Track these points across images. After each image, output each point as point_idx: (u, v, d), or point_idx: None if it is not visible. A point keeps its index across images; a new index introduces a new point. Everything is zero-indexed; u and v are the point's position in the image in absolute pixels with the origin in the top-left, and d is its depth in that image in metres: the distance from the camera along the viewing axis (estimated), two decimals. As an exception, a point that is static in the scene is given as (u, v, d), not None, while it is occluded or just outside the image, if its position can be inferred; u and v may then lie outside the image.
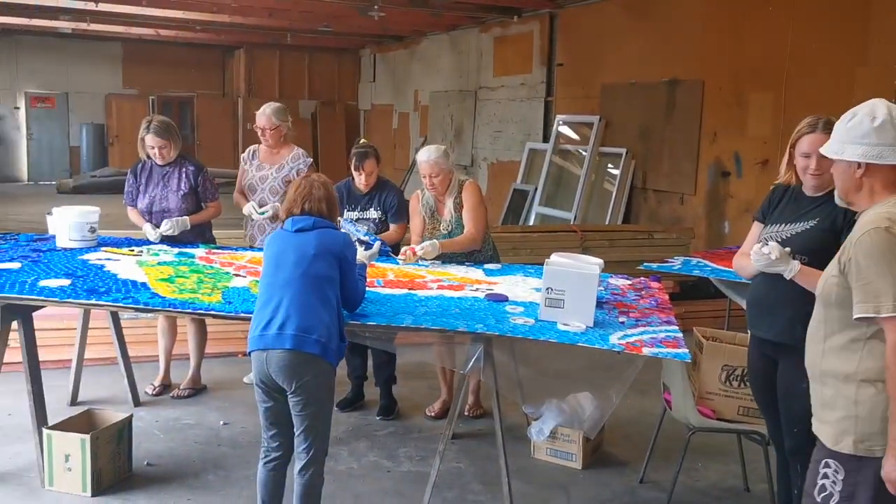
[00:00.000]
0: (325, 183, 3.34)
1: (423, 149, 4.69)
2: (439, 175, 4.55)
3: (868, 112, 2.35)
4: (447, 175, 4.60)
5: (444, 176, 4.57)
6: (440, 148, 4.67)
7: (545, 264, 3.49)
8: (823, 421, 2.38)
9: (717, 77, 8.72)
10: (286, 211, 3.30)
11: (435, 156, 4.56)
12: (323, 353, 3.09)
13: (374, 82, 17.56)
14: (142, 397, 5.03)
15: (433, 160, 4.54)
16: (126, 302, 3.51)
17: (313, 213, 3.24)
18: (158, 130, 4.85)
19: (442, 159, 4.55)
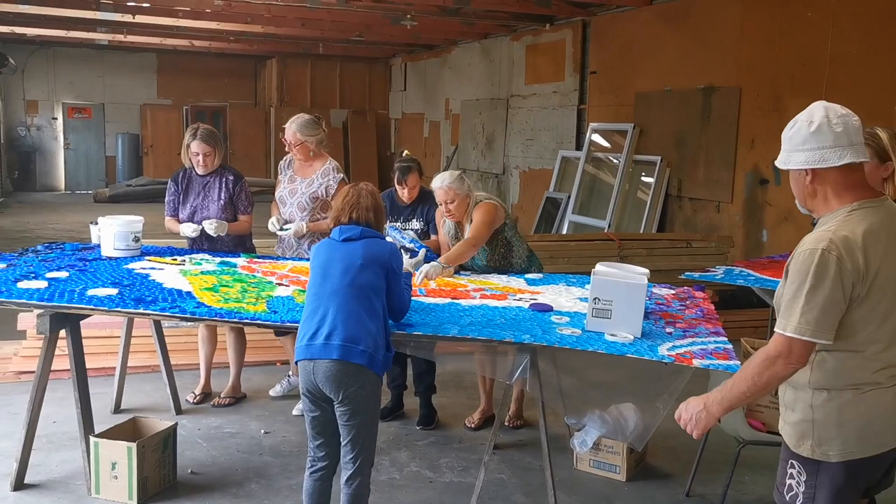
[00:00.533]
0: (372, 192, 3.35)
1: (436, 176, 4.57)
2: (454, 200, 4.46)
3: (806, 118, 2.32)
4: (464, 200, 4.49)
5: (459, 201, 4.47)
6: (454, 173, 4.55)
7: (592, 274, 3.47)
8: (786, 421, 2.41)
9: (755, 84, 8.63)
10: (334, 220, 3.31)
11: (448, 181, 4.45)
12: (369, 363, 3.08)
13: (404, 91, 17.61)
14: (183, 405, 5.06)
15: (446, 186, 4.44)
16: (173, 311, 3.54)
17: (360, 223, 3.25)
18: (205, 136, 4.88)
19: (456, 184, 4.45)
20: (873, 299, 2.24)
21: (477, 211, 4.46)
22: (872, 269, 2.22)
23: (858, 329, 2.25)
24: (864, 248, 2.22)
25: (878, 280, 2.23)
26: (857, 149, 2.28)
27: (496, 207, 4.50)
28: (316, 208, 4.98)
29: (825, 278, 2.20)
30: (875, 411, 2.27)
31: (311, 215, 4.97)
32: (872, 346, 2.26)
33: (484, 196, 4.60)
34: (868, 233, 2.24)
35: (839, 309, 2.22)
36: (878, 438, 2.28)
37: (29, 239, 11.64)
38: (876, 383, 2.27)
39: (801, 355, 2.24)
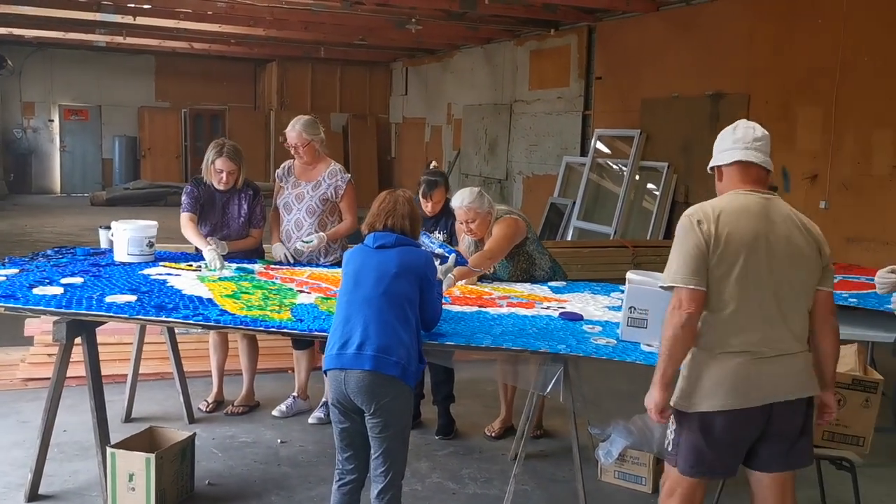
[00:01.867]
0: (409, 199, 3.27)
1: (456, 194, 4.45)
2: (476, 220, 4.35)
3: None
4: (485, 218, 4.37)
5: (481, 220, 4.36)
6: (473, 190, 4.41)
7: (627, 283, 3.40)
8: None
9: (764, 91, 8.60)
10: (368, 226, 3.23)
11: (468, 200, 4.33)
12: (402, 375, 3.01)
13: (405, 95, 17.55)
14: (195, 414, 4.97)
15: (466, 206, 4.32)
16: (196, 319, 3.45)
17: (396, 230, 3.17)
18: (231, 154, 4.77)
19: (476, 203, 4.33)
20: (722, 266, 2.61)
21: (496, 226, 4.37)
22: (721, 238, 2.60)
23: (714, 292, 2.64)
24: (718, 218, 2.63)
25: (727, 250, 2.61)
26: (747, 153, 2.73)
27: (517, 222, 4.41)
28: (326, 211, 4.89)
29: (687, 235, 2.65)
30: (723, 373, 2.62)
31: (321, 219, 4.87)
32: (721, 311, 2.63)
33: (505, 210, 4.50)
34: (727, 209, 2.66)
35: (700, 257, 2.61)
36: (725, 398, 2.61)
37: (27, 242, 11.51)
38: (726, 346, 2.63)
39: (688, 302, 2.61)
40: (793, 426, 2.72)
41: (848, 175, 7.70)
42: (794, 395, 2.69)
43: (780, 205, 2.76)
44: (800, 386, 2.71)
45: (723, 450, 2.71)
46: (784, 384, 2.67)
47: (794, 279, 2.70)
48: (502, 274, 4.49)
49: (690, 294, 2.61)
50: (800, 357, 2.71)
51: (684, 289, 2.62)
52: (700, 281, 2.61)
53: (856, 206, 7.65)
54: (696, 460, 2.73)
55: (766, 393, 2.65)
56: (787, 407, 2.68)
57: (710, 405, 2.65)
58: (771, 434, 2.72)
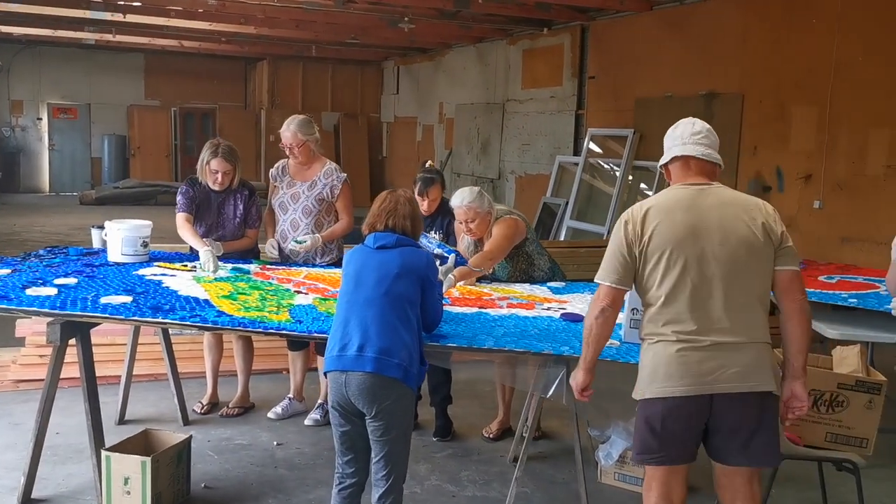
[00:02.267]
0: (410, 199, 3.23)
1: (455, 194, 4.41)
2: (475, 219, 4.32)
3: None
4: (485, 217, 4.34)
5: (481, 220, 4.33)
6: (473, 190, 4.38)
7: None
8: None
9: (758, 90, 8.59)
10: (369, 226, 3.19)
11: (468, 199, 4.29)
12: (404, 377, 2.97)
13: (397, 94, 17.50)
14: (189, 416, 4.91)
15: (466, 205, 4.28)
16: (193, 320, 3.40)
17: (397, 230, 3.13)
18: (227, 154, 4.70)
19: (476, 202, 4.30)
20: (650, 261, 2.70)
21: (497, 226, 4.33)
22: (647, 234, 2.69)
23: (647, 287, 2.74)
24: (645, 216, 2.72)
25: (653, 245, 2.68)
26: (685, 147, 2.78)
27: (517, 223, 4.37)
28: (322, 211, 4.84)
29: (615, 236, 2.79)
30: (658, 360, 2.69)
31: (317, 218, 4.83)
32: (656, 302, 2.71)
33: (505, 210, 4.47)
34: (656, 205, 2.75)
35: (621, 256, 2.74)
36: (660, 385, 2.67)
37: (16, 241, 11.41)
38: (661, 335, 2.70)
39: (603, 296, 2.77)
40: (742, 421, 2.67)
41: (842, 175, 7.70)
42: (736, 389, 2.64)
43: (719, 192, 2.76)
44: (743, 379, 2.64)
45: (666, 437, 2.71)
46: (723, 376, 2.64)
47: (736, 266, 2.67)
48: (501, 274, 4.46)
49: (607, 290, 2.76)
50: (747, 349, 2.66)
51: (602, 285, 2.78)
52: (618, 279, 2.75)
53: (850, 206, 7.65)
54: (642, 447, 2.78)
55: (700, 383, 2.64)
56: (730, 400, 2.64)
57: (651, 392, 2.71)
58: (719, 427, 2.69)
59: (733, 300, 2.66)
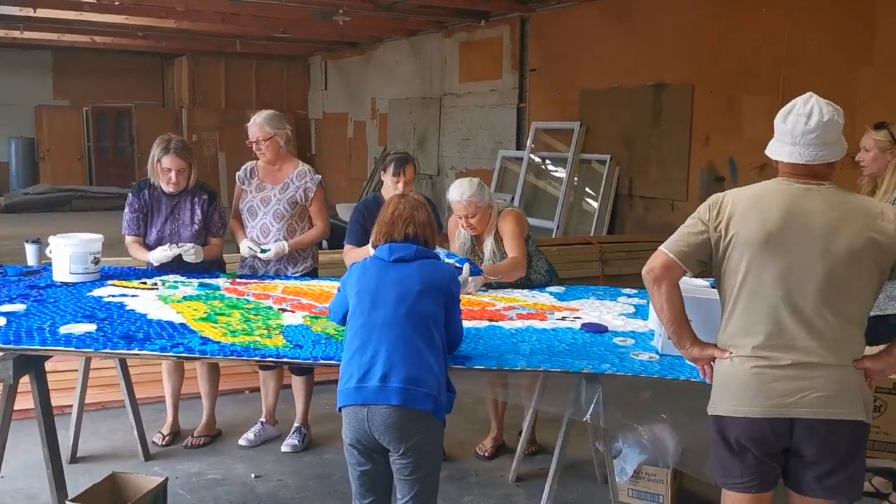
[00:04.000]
0: (425, 204, 2.89)
1: (452, 187, 4.12)
2: (476, 214, 4.04)
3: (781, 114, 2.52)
4: (486, 211, 4.07)
5: (482, 214, 4.05)
6: (473, 182, 4.09)
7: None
8: None
9: (708, 80, 8.50)
10: (383, 235, 2.82)
11: (469, 193, 4.01)
12: (433, 409, 2.63)
13: (325, 90, 16.95)
14: (151, 448, 4.43)
15: (467, 199, 4.00)
16: (177, 350, 2.97)
17: (418, 240, 2.78)
18: (179, 150, 4.22)
19: (477, 196, 4.02)
20: (733, 260, 2.42)
21: (506, 222, 4.05)
22: (734, 228, 2.41)
23: (725, 288, 2.47)
24: (736, 207, 2.43)
25: (737, 241, 2.41)
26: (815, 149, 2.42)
27: (520, 214, 4.14)
28: (294, 216, 4.44)
29: (694, 217, 2.52)
30: (731, 375, 2.44)
31: (289, 224, 4.42)
32: (733, 309, 2.45)
33: (506, 203, 4.21)
34: (751, 198, 2.45)
35: (694, 238, 2.48)
36: (733, 402, 2.42)
37: (-79, 256, 10.47)
38: (737, 348, 2.43)
39: (656, 263, 2.49)
40: (824, 451, 2.38)
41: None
42: (819, 415, 2.34)
43: (829, 194, 2.43)
44: (828, 405, 2.34)
45: (746, 460, 2.44)
46: (805, 400, 2.34)
47: (835, 280, 2.36)
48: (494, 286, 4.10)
49: (662, 259, 2.49)
50: (834, 372, 2.35)
51: (661, 252, 2.51)
52: (681, 254, 2.48)
53: (806, 194, 7.62)
54: (723, 470, 2.52)
55: (777, 405, 2.36)
56: (813, 427, 2.35)
57: (723, 409, 2.47)
58: (798, 454, 2.42)
59: (825, 317, 2.37)
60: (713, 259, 2.50)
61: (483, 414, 4.74)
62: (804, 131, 2.43)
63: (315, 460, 4.35)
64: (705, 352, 2.53)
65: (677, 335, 2.54)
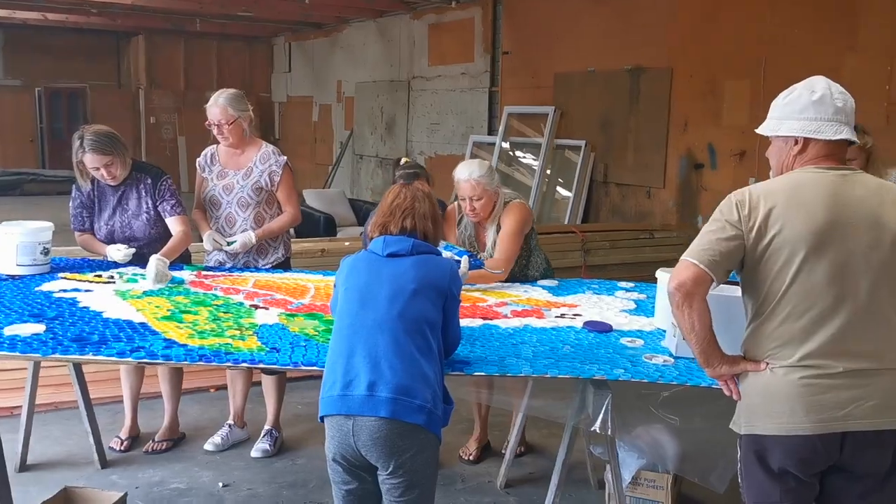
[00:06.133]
0: (430, 195, 2.59)
1: (461, 165, 3.86)
2: (482, 198, 3.75)
3: (807, 87, 2.28)
4: (492, 197, 3.79)
5: (487, 199, 3.77)
6: (483, 164, 3.84)
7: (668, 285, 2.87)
8: None
9: (688, 64, 8.29)
10: (379, 226, 2.52)
11: (478, 174, 3.73)
12: (427, 422, 2.34)
13: (289, 72, 16.47)
14: (108, 454, 4.08)
15: (475, 179, 3.72)
16: (138, 355, 2.64)
17: (416, 234, 2.48)
18: (97, 146, 3.77)
19: (486, 178, 3.75)
20: (774, 262, 2.16)
21: (509, 215, 3.78)
22: (772, 227, 2.16)
23: (764, 294, 2.20)
24: (768, 203, 2.17)
25: (777, 241, 2.15)
26: (851, 129, 2.23)
27: (527, 208, 3.86)
28: (262, 203, 4.11)
29: (717, 219, 2.22)
30: (776, 389, 2.17)
31: (256, 212, 4.09)
32: (776, 315, 2.18)
33: (513, 194, 3.92)
34: (785, 192, 2.19)
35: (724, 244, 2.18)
36: (780, 418, 2.16)
37: None
38: (779, 357, 2.18)
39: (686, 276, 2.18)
40: (873, 465, 2.17)
41: (778, 151, 7.51)
42: (873, 426, 2.13)
43: (865, 180, 2.23)
44: (881, 413, 2.13)
45: (787, 482, 2.20)
46: (858, 410, 2.12)
47: (888, 274, 2.15)
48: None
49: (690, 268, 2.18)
50: (888, 376, 2.14)
51: (689, 263, 2.20)
52: (711, 263, 2.17)
53: (786, 182, 7.47)
54: (760, 495, 2.25)
55: (830, 419, 2.12)
56: (863, 438, 2.13)
57: (765, 427, 2.19)
58: (844, 469, 2.19)
59: (879, 317, 2.14)
60: (745, 265, 2.22)
61: (465, 413, 4.47)
62: (853, 109, 2.25)
63: (288, 466, 4.04)
64: (736, 367, 2.26)
65: (706, 354, 2.25)
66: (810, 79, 2.30)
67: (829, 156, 2.23)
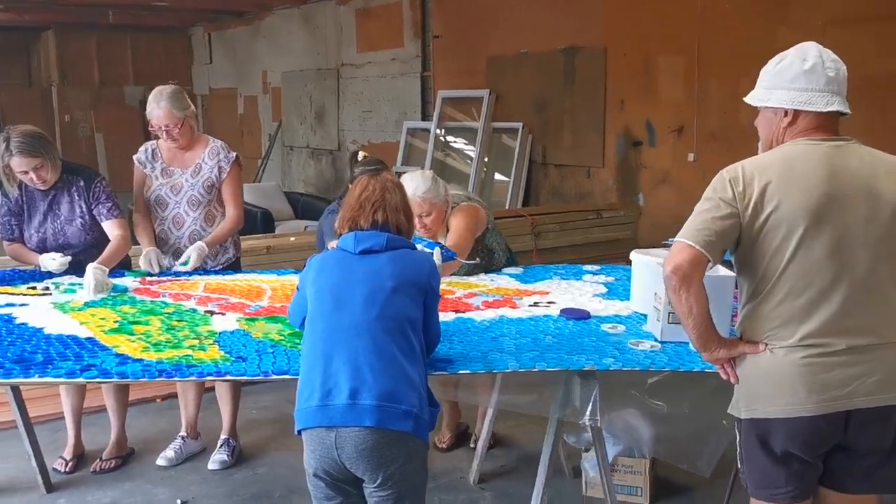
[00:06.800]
0: (400, 185, 2.43)
1: (402, 180, 3.39)
2: (431, 213, 3.45)
3: (798, 54, 2.16)
4: (441, 208, 3.49)
5: (437, 212, 3.46)
6: (425, 175, 3.50)
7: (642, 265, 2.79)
8: None
9: (621, 43, 8.27)
10: (348, 221, 2.34)
11: (423, 189, 3.38)
12: (415, 428, 2.19)
13: (210, 64, 15.95)
14: (52, 477, 3.80)
15: (421, 196, 3.36)
16: (89, 375, 2.41)
17: (388, 227, 2.31)
18: (26, 148, 3.48)
19: (431, 192, 3.41)
20: (771, 239, 2.08)
21: (455, 216, 3.54)
22: (767, 203, 2.07)
23: (761, 272, 2.11)
24: (762, 178, 2.08)
25: (773, 218, 2.07)
26: (843, 99, 2.14)
27: (477, 210, 3.61)
28: (213, 201, 3.88)
29: (711, 198, 2.12)
30: (776, 369, 2.09)
31: (207, 210, 3.86)
32: (773, 294, 2.10)
33: (462, 196, 3.69)
34: (777, 166, 2.10)
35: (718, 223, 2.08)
36: (783, 400, 2.08)
37: None
38: (778, 337, 2.10)
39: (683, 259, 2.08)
40: (878, 441, 2.12)
41: (715, 126, 7.55)
42: (877, 402, 2.07)
43: (859, 151, 2.15)
44: (885, 388, 2.08)
45: (791, 465, 2.13)
46: (862, 387, 2.06)
47: (888, 247, 2.09)
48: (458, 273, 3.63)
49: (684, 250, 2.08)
50: (890, 351, 2.08)
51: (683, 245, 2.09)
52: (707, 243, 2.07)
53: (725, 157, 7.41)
54: (764, 479, 2.17)
55: (833, 398, 2.07)
56: (868, 416, 2.08)
57: (768, 410, 2.12)
58: (846, 448, 2.15)
59: (879, 291, 2.07)
60: (740, 243, 2.13)
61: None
62: (845, 78, 2.15)
63: (249, 477, 3.84)
64: (734, 350, 2.17)
65: (703, 338, 2.16)
66: (802, 45, 2.19)
67: (819, 127, 2.14)
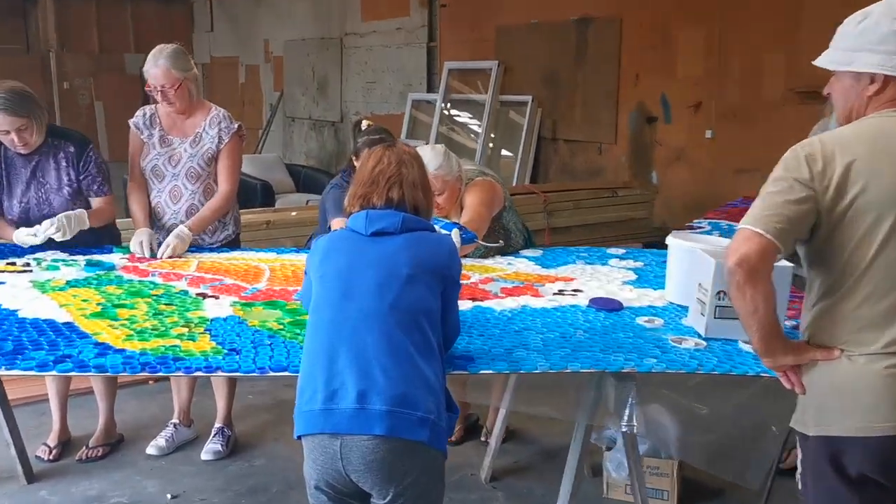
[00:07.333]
0: (418, 157, 2.13)
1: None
2: (444, 191, 3.17)
3: (887, 11, 1.84)
4: (455, 185, 3.22)
5: (450, 190, 3.20)
6: (437, 150, 3.22)
7: (675, 251, 2.53)
8: None
9: (637, 14, 7.95)
10: (359, 199, 2.06)
11: (434, 165, 3.08)
12: (432, 438, 1.93)
13: (211, 32, 15.57)
14: (34, 465, 3.56)
15: (433, 174, 3.01)
16: (63, 368, 2.14)
17: (405, 206, 2.03)
18: (10, 106, 3.19)
19: (444, 168, 3.15)
20: (855, 227, 1.79)
21: (470, 192, 3.25)
22: (852, 185, 1.78)
23: (840, 265, 1.82)
24: (845, 157, 1.78)
25: (859, 202, 1.78)
26: None
27: (493, 185, 3.33)
28: (213, 174, 3.60)
29: (783, 177, 1.82)
30: (855, 381, 1.82)
31: (206, 183, 3.58)
32: (854, 292, 1.82)
33: (476, 171, 3.40)
34: (864, 143, 1.80)
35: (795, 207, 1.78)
36: (862, 416, 1.81)
37: None
38: (857, 343, 1.82)
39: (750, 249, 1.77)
40: None
41: (735, 102, 7.25)
42: None
43: None
44: None
45: (866, 491, 1.85)
46: None
47: None
48: (472, 255, 3.36)
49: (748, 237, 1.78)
50: None
51: (750, 233, 1.78)
52: (779, 232, 1.77)
53: (745, 134, 7.21)
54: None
55: None
56: None
57: (844, 427, 1.83)
58: None
59: None
60: (815, 232, 1.84)
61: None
62: None
63: (245, 469, 3.59)
64: (804, 356, 1.89)
65: (767, 342, 1.87)
66: (889, 1, 1.87)
67: None
